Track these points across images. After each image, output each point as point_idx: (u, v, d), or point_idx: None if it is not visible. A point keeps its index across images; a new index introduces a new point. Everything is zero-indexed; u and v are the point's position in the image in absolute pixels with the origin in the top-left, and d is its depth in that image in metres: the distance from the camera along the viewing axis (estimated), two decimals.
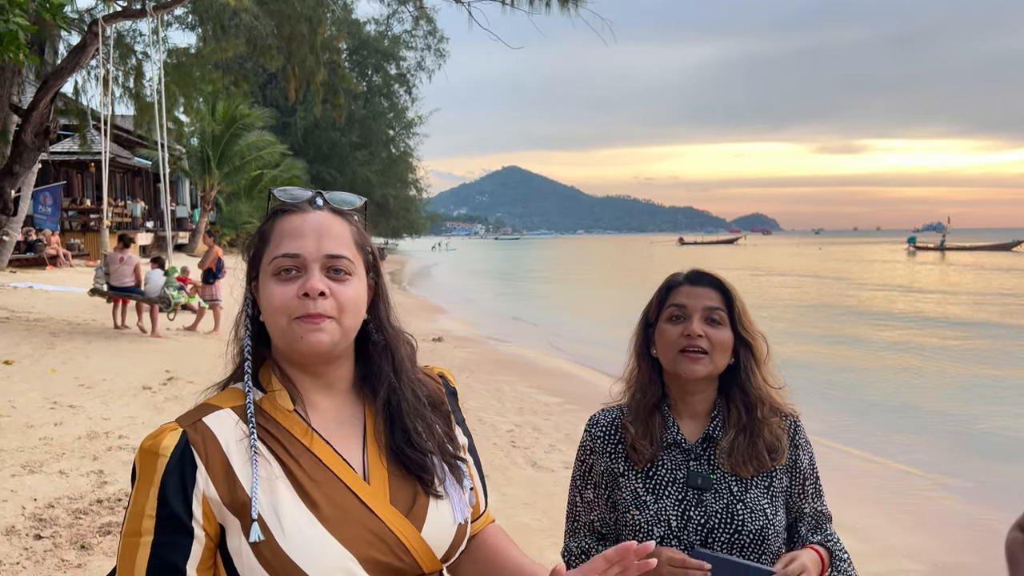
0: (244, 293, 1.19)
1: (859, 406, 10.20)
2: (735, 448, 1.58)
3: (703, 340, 1.57)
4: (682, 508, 1.55)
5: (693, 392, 1.62)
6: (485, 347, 14.30)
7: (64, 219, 24.37)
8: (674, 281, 1.66)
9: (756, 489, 1.57)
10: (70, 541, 4.06)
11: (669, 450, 1.61)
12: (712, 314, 1.59)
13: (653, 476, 1.59)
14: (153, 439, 1.05)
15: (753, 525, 1.53)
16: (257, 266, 1.16)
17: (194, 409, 1.11)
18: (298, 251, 1.10)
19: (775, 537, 1.55)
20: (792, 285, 32.78)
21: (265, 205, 1.20)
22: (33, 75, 13.33)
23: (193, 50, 16.22)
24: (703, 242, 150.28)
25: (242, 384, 1.13)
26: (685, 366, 1.57)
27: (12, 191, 11.34)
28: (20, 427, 6.03)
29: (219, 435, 1.07)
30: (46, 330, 10.57)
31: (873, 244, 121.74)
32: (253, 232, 1.18)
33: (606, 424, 1.69)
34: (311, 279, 1.09)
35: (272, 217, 1.16)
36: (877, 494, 6.73)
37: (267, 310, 1.12)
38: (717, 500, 1.55)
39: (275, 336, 1.13)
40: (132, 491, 1.05)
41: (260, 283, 1.15)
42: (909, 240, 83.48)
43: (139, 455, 1.05)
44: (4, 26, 5.77)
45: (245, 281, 1.19)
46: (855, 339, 16.58)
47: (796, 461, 1.64)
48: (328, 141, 48.33)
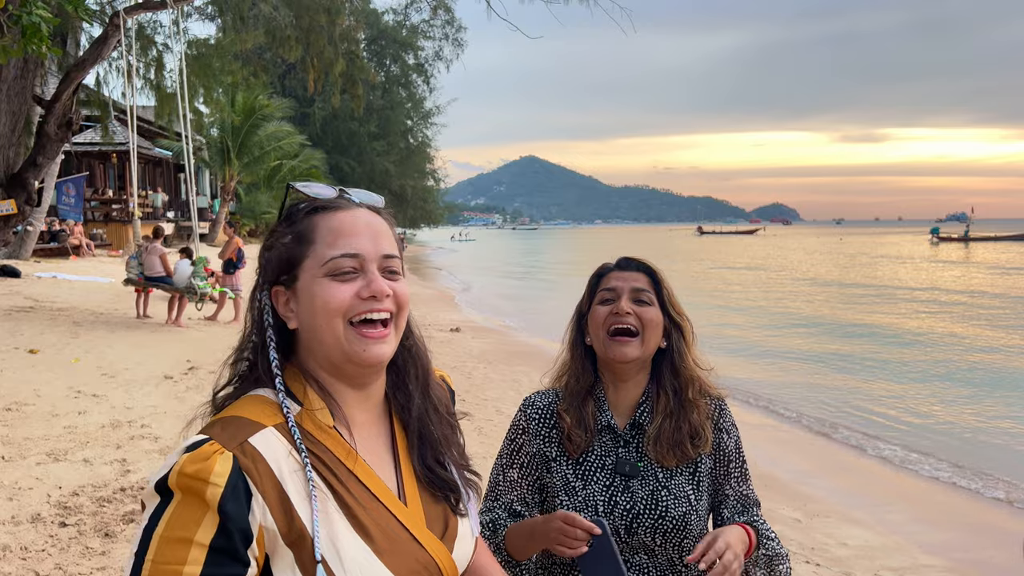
0: (259, 299, 1.10)
1: (879, 400, 10.13)
2: (660, 435, 1.60)
3: (631, 318, 1.60)
4: (609, 494, 1.59)
5: (625, 378, 1.65)
6: (503, 337, 14.32)
7: (87, 209, 24.63)
8: (604, 269, 1.71)
9: (681, 476, 1.60)
10: (94, 529, 4.12)
11: (601, 435, 1.64)
12: (640, 295, 1.62)
13: (583, 463, 1.63)
14: (199, 464, 0.93)
15: (676, 511, 1.56)
16: (293, 269, 1.07)
17: (231, 424, 1.00)
18: (358, 251, 1.05)
19: (697, 522, 1.58)
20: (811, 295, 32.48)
21: (282, 197, 1.14)
22: (56, 67, 13.45)
23: (213, 41, 16.29)
24: (722, 232, 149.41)
25: (271, 394, 1.04)
26: (616, 349, 1.60)
27: (36, 182, 11.47)
28: (45, 416, 6.13)
29: (269, 460, 0.97)
30: (69, 319, 10.70)
31: (895, 234, 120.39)
32: (279, 233, 1.09)
33: (542, 407, 1.70)
34: (375, 280, 1.05)
35: (309, 214, 1.08)
36: (894, 490, 6.68)
37: (321, 313, 1.04)
38: (643, 487, 1.58)
39: (326, 342, 1.04)
40: (167, 513, 0.93)
41: (302, 286, 1.06)
42: (932, 230, 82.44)
43: (180, 479, 0.93)
44: (27, 19, 5.82)
45: (261, 286, 1.10)
46: (870, 336, 16.44)
47: (720, 444, 1.66)
48: (346, 131, 48.44)
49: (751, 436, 7.66)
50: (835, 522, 5.58)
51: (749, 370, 11.84)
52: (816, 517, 5.63)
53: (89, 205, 25.29)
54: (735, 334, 15.47)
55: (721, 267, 38.95)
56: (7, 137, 10.64)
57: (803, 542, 5.03)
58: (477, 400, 8.02)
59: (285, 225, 1.09)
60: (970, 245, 65.21)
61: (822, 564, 4.74)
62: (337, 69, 17.23)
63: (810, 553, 4.87)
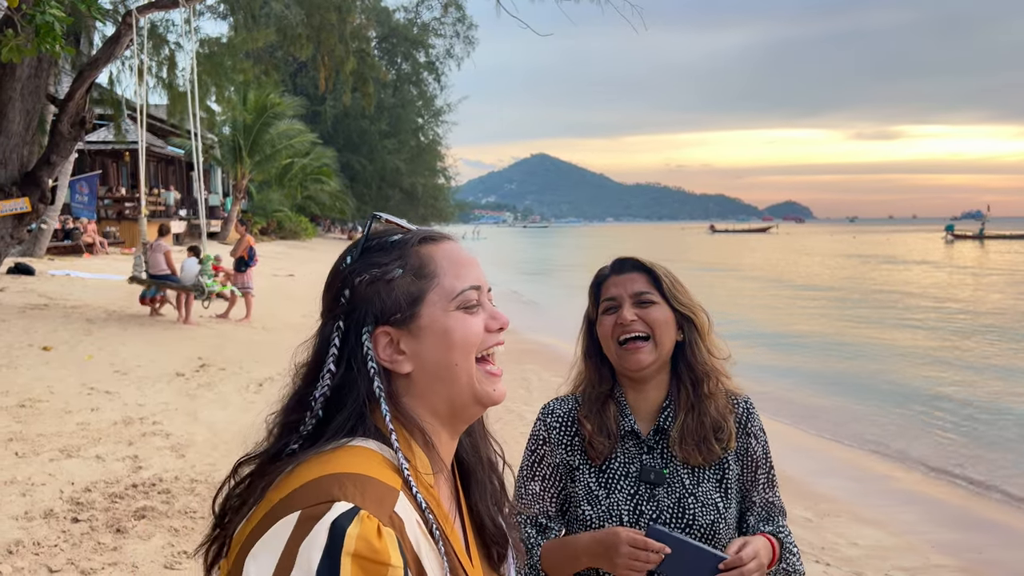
0: (356, 343, 0.95)
1: (889, 400, 10.07)
2: (685, 432, 1.55)
3: (638, 324, 1.55)
4: (634, 503, 1.54)
5: (643, 382, 1.60)
6: (513, 336, 14.31)
7: (100, 207, 24.79)
8: (601, 275, 1.65)
9: (708, 483, 1.55)
10: (106, 524, 4.15)
11: (624, 441, 1.59)
12: (642, 297, 1.57)
13: (607, 471, 1.58)
14: (375, 542, 0.80)
15: (704, 519, 1.52)
16: (415, 306, 0.95)
17: (367, 487, 0.85)
18: (479, 282, 0.99)
19: (726, 531, 1.54)
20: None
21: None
22: (69, 66, 13.55)
23: (224, 40, 16.36)
24: (734, 230, 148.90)
25: (375, 446, 0.92)
26: (628, 358, 1.55)
27: (50, 180, 11.55)
28: (58, 412, 6.17)
29: (409, 532, 0.86)
30: (83, 317, 10.78)
31: (909, 232, 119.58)
32: (382, 267, 0.96)
33: (562, 415, 1.65)
34: (498, 311, 1.00)
35: (418, 246, 0.98)
36: (906, 489, 6.64)
37: (459, 349, 0.96)
38: (669, 495, 1.54)
39: (459, 383, 0.96)
40: None
41: (427, 323, 0.95)
42: (947, 228, 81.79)
43: (356, 564, 0.78)
44: (41, 18, 5.86)
45: (357, 328, 0.95)
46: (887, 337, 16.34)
47: (748, 448, 1.61)
48: (357, 129, 48.56)
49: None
50: (846, 521, 5.55)
51: (761, 363, 11.80)
52: (827, 516, 5.60)
53: (102, 203, 25.44)
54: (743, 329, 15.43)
55: (727, 270, 38.78)
56: (21, 136, 10.72)
57: (813, 541, 5.01)
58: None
59: (380, 258, 0.97)
60: (985, 243, 64.67)
61: (832, 564, 4.72)
62: (348, 67, 17.27)
63: (820, 553, 4.85)
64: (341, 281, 0.97)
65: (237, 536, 0.88)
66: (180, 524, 4.23)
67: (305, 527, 0.80)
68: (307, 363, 0.98)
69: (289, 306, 14.25)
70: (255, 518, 0.86)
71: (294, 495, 0.84)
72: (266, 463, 0.93)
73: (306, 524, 0.80)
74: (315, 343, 0.98)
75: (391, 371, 0.95)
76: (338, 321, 0.95)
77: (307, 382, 0.96)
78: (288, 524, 0.81)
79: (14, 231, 11.12)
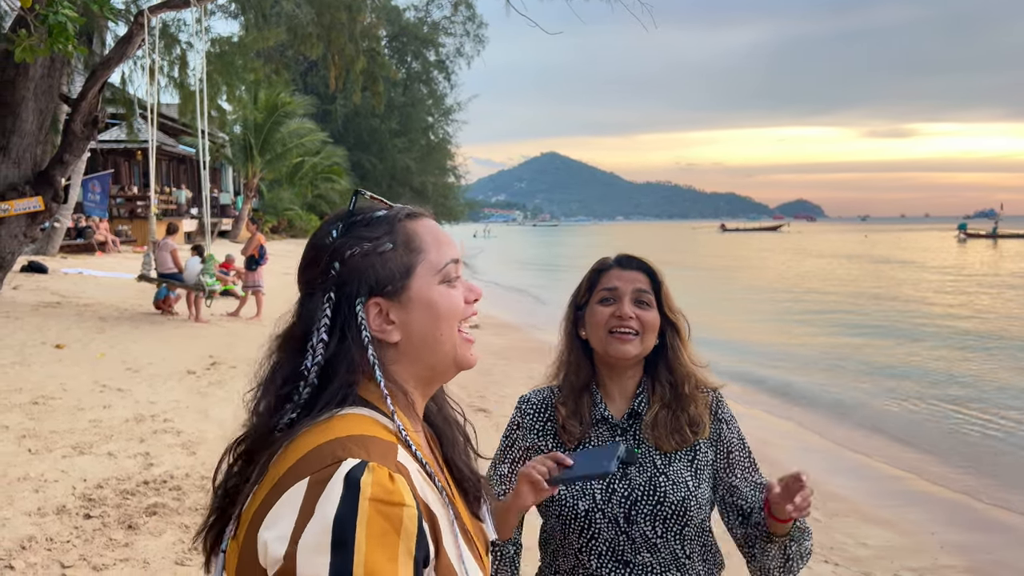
0: (350, 314, 0.98)
1: (895, 399, 10.02)
2: (658, 422, 1.61)
3: (633, 321, 1.61)
4: (607, 482, 1.59)
5: (622, 372, 1.67)
6: (522, 334, 14.33)
7: (112, 206, 24.95)
8: (604, 265, 1.71)
9: (679, 463, 1.60)
10: (118, 521, 4.19)
11: (597, 427, 1.65)
12: (641, 296, 1.64)
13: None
14: (388, 485, 0.84)
15: (675, 496, 1.56)
16: (406, 278, 1.00)
17: (362, 443, 0.89)
18: (458, 256, 1.06)
19: (697, 509, 1.58)
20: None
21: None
22: (82, 65, 13.64)
23: (235, 39, 16.43)
24: (745, 228, 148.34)
25: (367, 412, 0.96)
26: (616, 346, 1.61)
27: (62, 179, 11.64)
28: (71, 409, 6.23)
29: (413, 478, 0.90)
30: (95, 315, 10.87)
31: (921, 231, 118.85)
32: (373, 242, 1.00)
33: (536, 403, 1.73)
34: (472, 284, 1.08)
35: (404, 221, 1.03)
36: (916, 489, 6.61)
37: (444, 319, 1.01)
38: (641, 473, 1.59)
39: (441, 350, 1.02)
40: (357, 548, 0.80)
41: (415, 295, 1.00)
42: (960, 227, 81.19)
43: (374, 508, 0.82)
44: (54, 18, 5.90)
45: (351, 298, 0.98)
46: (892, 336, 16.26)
47: (720, 435, 1.66)
48: (368, 128, 48.64)
49: (768, 435, 7.66)
50: (854, 522, 5.54)
51: (766, 361, 11.76)
52: (835, 517, 5.59)
53: (114, 202, 25.60)
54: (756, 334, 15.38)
55: (732, 269, 38.64)
56: (34, 135, 10.81)
57: (822, 542, 5.00)
58: (495, 397, 8.04)
59: (369, 232, 1.01)
60: (999, 242, 64.19)
61: (841, 564, 4.71)
62: (358, 66, 17.31)
63: (829, 553, 4.84)
64: (329, 254, 0.99)
65: (245, 514, 0.90)
66: (191, 521, 4.26)
67: (318, 488, 0.83)
68: (287, 336, 1.01)
69: None
70: (261, 493, 0.88)
71: (299, 465, 0.87)
72: (263, 438, 0.95)
73: (318, 486, 0.83)
74: (299, 316, 1.00)
75: (380, 340, 1.00)
76: (329, 292, 0.98)
77: (293, 354, 0.98)
78: (299, 490, 0.84)
79: (27, 229, 11.21)
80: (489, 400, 7.78)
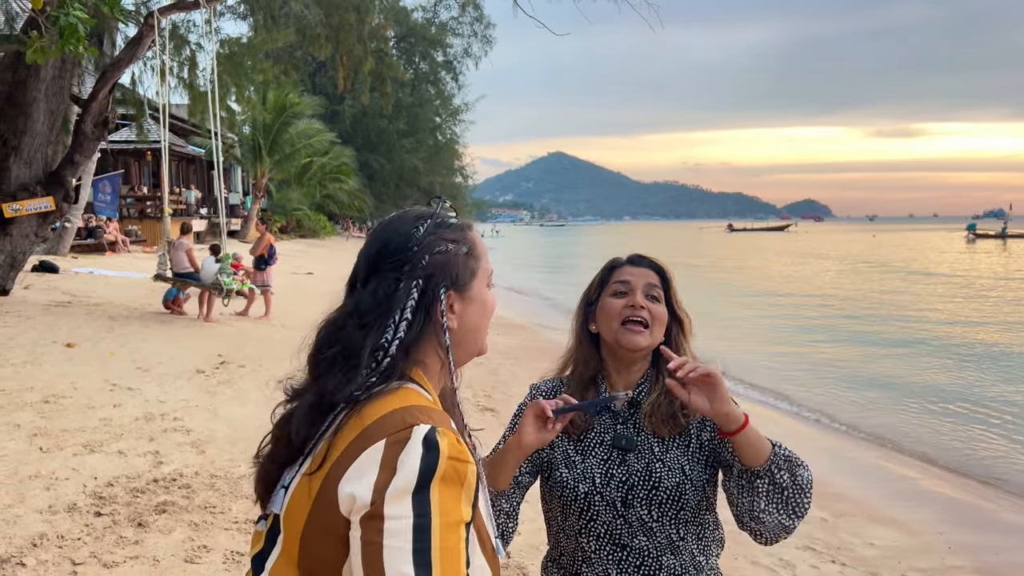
0: (433, 301, 1.14)
1: (903, 397, 9.99)
2: (655, 409, 1.69)
3: (644, 312, 1.70)
4: (606, 467, 1.67)
5: (629, 364, 1.75)
6: (530, 334, 14.34)
7: (122, 206, 25.06)
8: (617, 263, 1.81)
9: (676, 450, 1.68)
10: (128, 519, 4.23)
11: (600, 416, 1.74)
12: (652, 291, 1.73)
13: (584, 440, 1.72)
14: (457, 446, 1.01)
15: (670, 481, 1.64)
16: (472, 277, 1.20)
17: (423, 412, 1.05)
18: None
19: (692, 493, 1.64)
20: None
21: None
22: (92, 67, 13.72)
23: (244, 40, 16.49)
24: (752, 228, 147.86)
25: (419, 390, 1.12)
26: (628, 337, 1.70)
27: (73, 179, 11.73)
28: (81, 408, 6.28)
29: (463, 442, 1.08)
30: (105, 314, 10.93)
31: (929, 231, 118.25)
32: (454, 243, 1.18)
33: (546, 391, 1.83)
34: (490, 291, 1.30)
35: (468, 230, 1.23)
36: (924, 489, 6.60)
37: (488, 315, 1.23)
38: (639, 460, 1.67)
39: (479, 339, 1.23)
40: (436, 497, 0.97)
41: (475, 293, 1.20)
42: (968, 227, 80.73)
43: (450, 464, 0.99)
44: (65, 20, 5.95)
45: (437, 289, 1.15)
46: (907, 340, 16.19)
47: None
48: (376, 129, 48.75)
49: (771, 435, 7.57)
50: (862, 522, 5.53)
51: (776, 369, 11.74)
52: (842, 517, 5.58)
53: (124, 202, 25.71)
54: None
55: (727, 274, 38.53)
56: (45, 136, 10.89)
57: (829, 542, 5.00)
58: (503, 396, 8.05)
59: (450, 235, 1.19)
60: (1008, 242, 63.80)
61: (848, 564, 4.71)
62: (366, 67, 17.35)
63: (836, 553, 4.84)
64: (419, 246, 1.15)
65: (316, 459, 1.05)
66: (200, 519, 4.29)
67: (396, 448, 0.99)
68: (362, 310, 1.13)
69: (308, 304, 14.35)
70: (340, 445, 1.03)
71: (373, 428, 1.02)
72: (342, 397, 1.07)
73: (396, 445, 0.99)
74: (375, 294, 1.13)
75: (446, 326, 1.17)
76: (417, 279, 1.14)
77: (374, 328, 1.11)
78: (377, 450, 1.00)
79: (39, 229, 11.30)
80: (496, 400, 7.79)
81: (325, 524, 1.01)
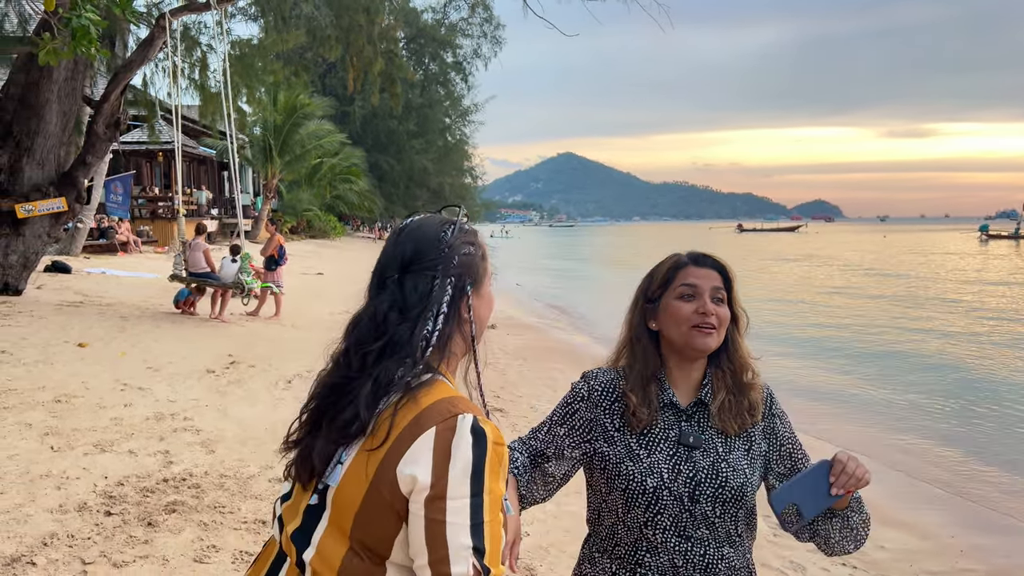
0: (461, 297, 1.30)
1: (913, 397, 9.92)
2: (724, 406, 1.74)
3: (714, 317, 1.72)
4: (673, 462, 1.70)
5: (693, 362, 1.77)
6: (538, 334, 14.33)
7: (134, 207, 25.19)
8: (680, 262, 1.80)
9: (738, 451, 1.73)
10: (138, 518, 4.24)
11: (663, 411, 1.76)
12: (717, 293, 1.75)
13: (647, 435, 1.74)
14: (497, 432, 1.18)
15: (735, 481, 1.69)
16: (484, 278, 1.35)
17: (470, 404, 1.21)
18: None
19: (751, 493, 1.72)
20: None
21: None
22: (104, 68, 13.82)
23: (255, 42, 16.56)
24: (763, 229, 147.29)
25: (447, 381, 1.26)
26: (700, 340, 1.71)
27: (85, 180, 11.80)
28: (93, 407, 6.31)
29: None
30: (117, 314, 10.99)
31: (941, 232, 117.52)
32: (474, 247, 1.33)
33: (605, 381, 1.82)
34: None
35: (479, 236, 1.38)
36: (935, 492, 6.55)
37: (490, 312, 1.39)
38: (705, 457, 1.70)
39: (482, 332, 1.37)
40: (486, 478, 1.14)
41: (484, 291, 1.35)
42: (981, 228, 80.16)
43: (494, 448, 1.16)
44: (77, 21, 5.99)
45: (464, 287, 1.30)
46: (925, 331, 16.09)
47: (774, 428, 1.80)
48: (385, 129, 48.84)
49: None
50: (873, 524, 5.48)
51: (793, 367, 11.68)
52: None
53: (136, 203, 25.84)
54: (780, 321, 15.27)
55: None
56: (58, 136, 10.96)
57: None
58: (511, 397, 8.05)
59: (470, 239, 1.33)
60: (1022, 243, 63.33)
61: (859, 567, 4.68)
62: (376, 68, 17.42)
63: (847, 556, 4.80)
64: (449, 248, 1.29)
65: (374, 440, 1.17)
66: (209, 519, 4.31)
67: (447, 434, 1.14)
68: (404, 305, 1.24)
69: (318, 304, 14.40)
70: (391, 438, 1.16)
71: (424, 415, 1.16)
72: (390, 383, 1.20)
73: (446, 433, 1.15)
74: (417, 291, 1.25)
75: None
76: (450, 277, 1.27)
77: (418, 321, 1.24)
78: (429, 436, 1.15)
79: (51, 230, 11.38)
80: (504, 400, 7.78)
81: (384, 501, 1.15)
